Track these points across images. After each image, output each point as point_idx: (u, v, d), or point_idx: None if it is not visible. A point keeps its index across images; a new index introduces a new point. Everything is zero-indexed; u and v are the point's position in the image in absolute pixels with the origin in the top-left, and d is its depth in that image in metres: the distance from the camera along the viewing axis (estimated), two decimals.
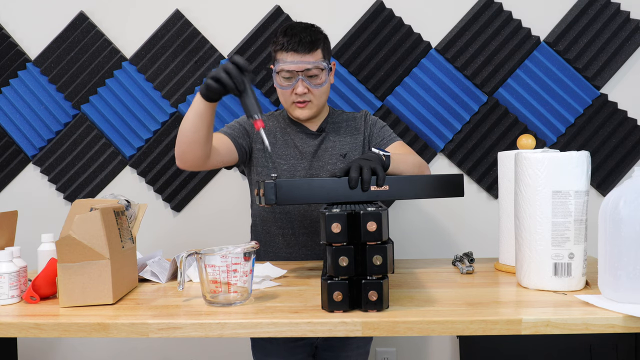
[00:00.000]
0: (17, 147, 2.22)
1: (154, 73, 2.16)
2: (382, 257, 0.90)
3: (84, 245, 1.01)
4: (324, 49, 1.47)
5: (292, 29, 1.44)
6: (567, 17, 2.08)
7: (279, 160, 1.54)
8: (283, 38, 1.43)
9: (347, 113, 1.65)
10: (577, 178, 1.02)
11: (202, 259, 0.99)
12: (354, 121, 1.62)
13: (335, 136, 1.58)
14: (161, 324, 0.91)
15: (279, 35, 1.45)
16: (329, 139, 1.57)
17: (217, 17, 2.16)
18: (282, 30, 1.46)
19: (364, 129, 1.60)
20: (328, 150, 1.56)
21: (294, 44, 1.41)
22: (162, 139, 2.17)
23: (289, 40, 1.42)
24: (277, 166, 1.53)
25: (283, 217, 1.55)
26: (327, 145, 1.57)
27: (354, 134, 1.59)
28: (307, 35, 1.43)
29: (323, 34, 1.49)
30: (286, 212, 1.55)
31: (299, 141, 1.56)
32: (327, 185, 1.09)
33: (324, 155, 1.55)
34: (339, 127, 1.60)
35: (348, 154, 1.56)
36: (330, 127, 1.59)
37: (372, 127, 1.60)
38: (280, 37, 1.45)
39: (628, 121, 2.07)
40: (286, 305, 1.00)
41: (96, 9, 2.19)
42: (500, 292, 1.09)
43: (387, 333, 0.88)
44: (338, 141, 1.57)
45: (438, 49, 2.11)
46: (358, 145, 1.59)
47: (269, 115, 1.63)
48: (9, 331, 0.95)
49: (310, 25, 1.49)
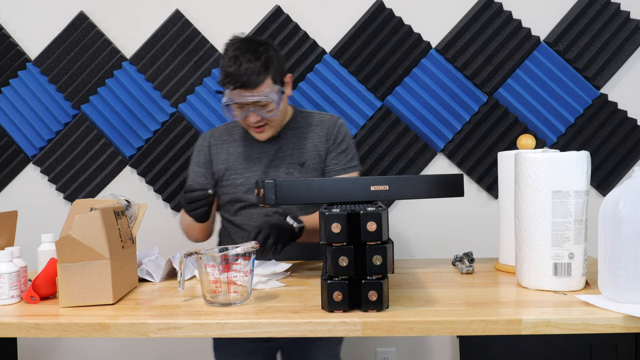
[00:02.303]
0: (17, 147, 2.22)
1: (154, 73, 2.16)
2: (382, 257, 0.90)
3: (84, 245, 1.01)
4: (273, 73, 1.37)
5: (236, 61, 1.33)
6: (567, 17, 2.08)
7: (234, 176, 1.51)
8: (226, 78, 1.34)
9: (314, 115, 1.56)
10: (577, 178, 1.01)
11: (202, 259, 0.99)
12: (320, 127, 1.52)
13: (296, 143, 1.50)
14: (161, 324, 0.91)
15: (224, 69, 1.35)
16: (287, 145, 1.50)
17: (217, 18, 2.16)
18: (227, 63, 1.34)
19: (327, 138, 1.51)
20: (286, 159, 1.49)
21: (239, 83, 1.32)
22: (162, 139, 2.17)
23: (234, 79, 1.32)
24: (233, 182, 1.51)
25: (242, 228, 1.54)
26: (285, 153, 1.50)
27: (316, 142, 1.51)
28: (253, 72, 1.32)
29: (271, 54, 1.38)
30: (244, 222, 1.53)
31: (256, 151, 1.51)
32: (327, 185, 1.09)
33: (281, 164, 1.49)
34: (301, 132, 1.52)
35: (307, 163, 1.49)
36: (291, 132, 1.52)
37: (335, 145, 1.51)
38: (224, 73, 1.35)
39: (628, 121, 2.07)
40: (286, 305, 1.00)
41: (96, 9, 2.19)
42: (500, 292, 1.09)
43: (387, 333, 0.88)
44: (297, 149, 1.50)
45: (438, 49, 2.11)
46: (319, 154, 1.50)
47: (223, 128, 1.58)
48: (9, 331, 0.95)
49: (256, 48, 1.36)
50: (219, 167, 1.53)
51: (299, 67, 2.13)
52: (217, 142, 1.56)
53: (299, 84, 2.13)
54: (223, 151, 1.54)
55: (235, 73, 1.32)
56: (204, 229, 1.54)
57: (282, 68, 1.44)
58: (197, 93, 2.16)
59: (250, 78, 1.33)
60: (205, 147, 1.56)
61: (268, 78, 1.36)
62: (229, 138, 1.56)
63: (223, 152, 1.54)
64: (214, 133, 1.58)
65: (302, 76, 2.13)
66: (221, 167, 1.53)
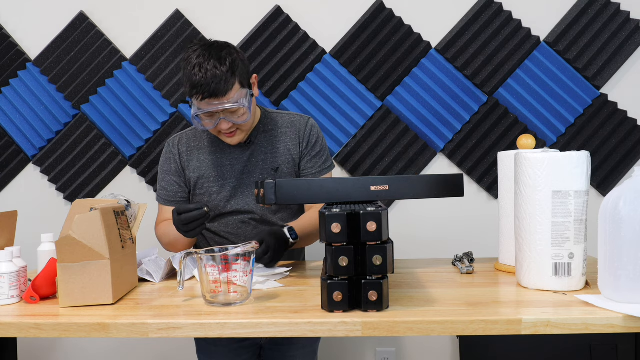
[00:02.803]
0: (17, 147, 2.22)
1: (154, 73, 2.16)
2: (382, 257, 0.90)
3: (84, 245, 1.01)
4: (240, 77, 1.33)
5: (201, 69, 1.28)
6: (567, 17, 2.08)
7: (207, 184, 1.49)
8: (194, 88, 1.29)
9: (284, 116, 1.53)
10: (577, 178, 1.01)
11: (202, 259, 0.99)
12: (291, 128, 1.50)
13: (268, 147, 1.48)
14: (161, 324, 0.91)
15: (188, 79, 1.30)
16: (259, 150, 1.47)
17: (217, 17, 2.16)
18: (191, 72, 1.29)
19: (300, 141, 1.49)
20: (259, 165, 1.47)
21: (207, 92, 1.28)
22: (162, 139, 2.17)
23: (201, 89, 1.28)
24: (207, 190, 1.49)
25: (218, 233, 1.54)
26: (258, 159, 1.47)
27: (289, 145, 1.48)
28: (220, 79, 1.28)
29: (234, 57, 1.32)
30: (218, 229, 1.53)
31: (227, 157, 1.48)
32: (327, 185, 1.09)
33: (255, 171, 1.47)
34: (272, 135, 1.49)
35: (280, 168, 1.47)
36: (262, 136, 1.48)
37: (309, 148, 1.49)
38: (188, 83, 1.30)
39: (628, 121, 2.07)
40: (286, 305, 1.00)
41: (96, 9, 2.19)
42: (500, 292, 1.09)
43: (387, 333, 0.88)
44: (270, 153, 1.48)
45: (438, 49, 2.11)
46: (292, 158, 1.49)
47: (191, 134, 1.53)
48: (9, 331, 0.95)
49: (219, 53, 1.31)
50: (191, 176, 1.49)
51: (299, 67, 2.13)
52: (186, 150, 1.50)
53: (299, 84, 2.13)
54: (194, 158, 1.49)
55: (201, 82, 1.27)
56: (192, 241, 1.49)
57: (247, 70, 1.38)
58: None
59: (219, 86, 1.28)
60: (176, 154, 1.50)
61: (236, 83, 1.32)
62: (197, 144, 1.50)
63: (194, 160, 1.49)
64: (182, 139, 1.52)
65: (302, 76, 2.13)
66: (193, 175, 1.49)
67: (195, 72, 1.28)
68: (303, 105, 2.13)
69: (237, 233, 1.50)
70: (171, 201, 1.51)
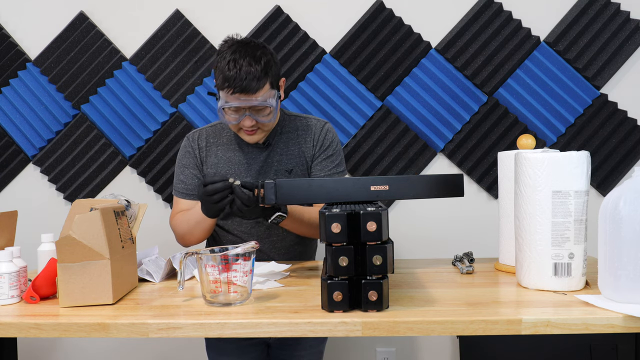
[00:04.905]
0: (17, 147, 2.22)
1: (154, 73, 2.16)
2: (382, 257, 0.90)
3: (84, 245, 1.01)
4: (272, 78, 1.35)
5: (236, 65, 1.30)
6: (567, 17, 2.08)
7: None
8: (226, 82, 1.31)
9: (301, 119, 1.54)
10: (577, 178, 1.01)
11: (202, 259, 0.99)
12: (306, 131, 1.51)
13: (283, 149, 1.49)
14: (161, 324, 0.91)
15: (221, 72, 1.32)
16: (275, 151, 1.49)
17: (217, 18, 2.16)
18: (225, 66, 1.31)
19: (314, 144, 1.50)
20: (274, 165, 1.48)
21: (239, 87, 1.30)
22: (162, 139, 2.17)
23: (234, 83, 1.30)
24: None
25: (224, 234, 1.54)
26: (274, 160, 1.49)
27: (302, 147, 1.50)
28: (254, 76, 1.30)
29: (269, 58, 1.35)
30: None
31: (245, 156, 1.49)
32: (327, 185, 1.09)
33: (270, 171, 1.48)
34: (288, 137, 1.50)
35: (294, 170, 1.49)
36: (278, 138, 1.50)
37: (321, 150, 1.50)
38: (220, 76, 1.32)
39: (628, 121, 2.07)
40: (286, 305, 1.00)
41: (96, 9, 2.19)
42: (500, 292, 1.09)
43: (387, 333, 0.88)
44: (285, 155, 1.49)
45: (438, 49, 2.11)
46: (305, 161, 1.50)
47: (210, 130, 1.54)
48: (9, 331, 0.95)
49: (254, 52, 1.33)
50: (209, 171, 1.50)
51: (299, 67, 2.13)
52: (205, 145, 1.52)
53: (299, 84, 2.13)
54: (212, 154, 1.51)
55: (234, 77, 1.29)
56: (212, 226, 1.45)
57: (279, 72, 1.42)
58: (197, 93, 2.16)
59: (251, 83, 1.30)
60: (195, 149, 1.52)
61: (267, 83, 1.34)
62: (216, 141, 1.52)
63: (212, 156, 1.51)
64: (201, 135, 1.53)
65: (302, 76, 2.13)
66: (210, 171, 1.50)
67: (230, 66, 1.30)
68: (303, 105, 2.13)
69: (250, 232, 1.51)
70: (190, 194, 1.51)
